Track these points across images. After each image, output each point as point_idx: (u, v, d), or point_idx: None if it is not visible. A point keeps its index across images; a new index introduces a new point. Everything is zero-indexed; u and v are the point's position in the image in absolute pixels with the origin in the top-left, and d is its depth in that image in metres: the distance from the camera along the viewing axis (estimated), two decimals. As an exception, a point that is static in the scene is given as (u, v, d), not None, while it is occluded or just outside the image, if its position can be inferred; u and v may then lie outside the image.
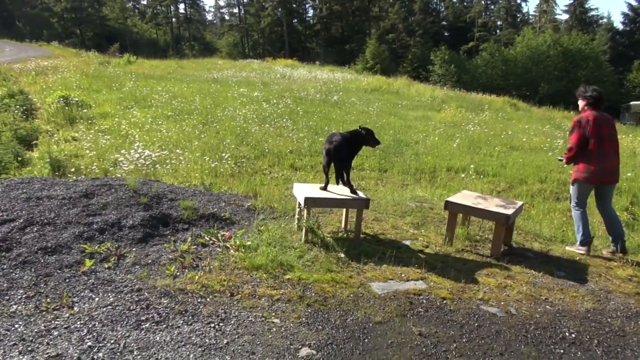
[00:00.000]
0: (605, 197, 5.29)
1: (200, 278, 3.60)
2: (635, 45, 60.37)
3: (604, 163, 5.05)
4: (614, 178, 5.20)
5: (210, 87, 17.34)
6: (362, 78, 27.98)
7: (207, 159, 7.90)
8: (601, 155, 5.03)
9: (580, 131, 5.05)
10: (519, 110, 23.05)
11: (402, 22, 66.62)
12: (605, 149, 5.04)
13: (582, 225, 5.23)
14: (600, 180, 5.13)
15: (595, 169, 5.05)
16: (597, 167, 5.04)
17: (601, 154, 5.03)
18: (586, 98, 5.21)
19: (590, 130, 5.00)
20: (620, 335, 3.46)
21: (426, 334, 3.18)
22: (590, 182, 5.14)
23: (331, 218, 5.51)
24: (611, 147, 5.11)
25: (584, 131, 5.03)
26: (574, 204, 5.32)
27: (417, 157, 9.81)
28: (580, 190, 5.22)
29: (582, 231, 5.24)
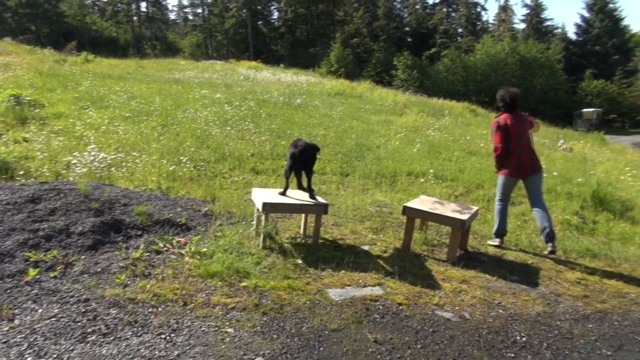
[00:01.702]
0: (533, 190, 5.70)
1: (152, 287, 3.49)
2: (588, 55, 63.07)
3: (522, 157, 5.55)
4: (534, 169, 5.66)
5: (171, 88, 16.98)
6: (326, 81, 28.06)
7: (165, 162, 7.72)
8: (519, 151, 5.53)
9: (500, 131, 5.51)
10: (477, 116, 23.64)
11: (366, 27, 67.37)
12: (522, 145, 5.56)
13: (500, 218, 5.71)
14: (522, 174, 5.61)
15: (515, 164, 5.55)
16: (516, 162, 5.54)
17: (519, 150, 5.53)
18: (503, 101, 5.68)
19: (509, 130, 5.49)
20: (568, 338, 3.57)
21: (381, 340, 3.19)
22: (512, 176, 5.62)
23: (290, 223, 5.47)
24: (527, 143, 5.66)
25: (504, 131, 5.50)
26: (498, 197, 5.80)
27: (378, 161, 9.89)
28: (503, 184, 5.70)
29: (499, 223, 5.70)
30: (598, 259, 5.77)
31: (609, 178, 10.75)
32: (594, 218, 7.75)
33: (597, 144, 19.82)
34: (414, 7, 74.14)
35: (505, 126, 5.51)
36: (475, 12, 72.03)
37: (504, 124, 5.51)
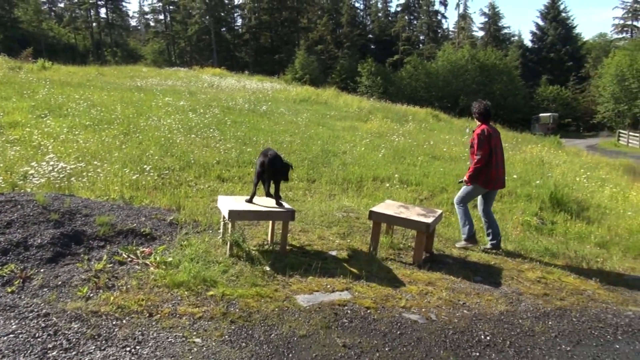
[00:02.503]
0: (491, 200, 6.03)
1: (116, 299, 3.40)
2: (543, 61, 65.52)
3: (498, 171, 5.74)
4: (503, 184, 5.97)
5: (133, 96, 16.64)
6: (291, 88, 28.11)
7: (128, 171, 7.55)
8: (496, 164, 5.70)
9: (487, 142, 5.57)
10: (440, 121, 24.17)
11: (330, 34, 67.95)
12: (498, 158, 5.76)
13: (469, 220, 5.87)
14: (493, 186, 5.78)
15: (493, 177, 5.68)
16: (494, 175, 5.68)
17: (496, 163, 5.70)
18: (479, 113, 5.78)
19: (490, 141, 5.61)
20: (530, 335, 3.69)
21: (350, 345, 3.21)
22: (486, 187, 5.75)
23: (257, 230, 5.44)
24: (502, 157, 5.89)
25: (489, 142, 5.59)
26: (459, 201, 5.93)
27: (344, 167, 9.96)
28: (474, 192, 5.84)
29: (469, 225, 5.86)
30: (557, 258, 5.99)
31: (566, 180, 11.17)
32: (552, 219, 8.04)
33: (554, 148, 20.57)
34: (376, 15, 75.35)
35: (490, 137, 5.58)
36: (436, 20, 73.79)
37: (488, 135, 5.58)
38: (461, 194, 5.92)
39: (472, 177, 5.68)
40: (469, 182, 5.73)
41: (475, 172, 5.64)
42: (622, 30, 71.74)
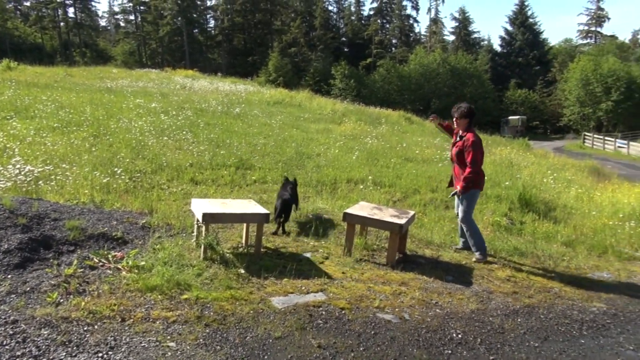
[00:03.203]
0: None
1: (87, 304, 3.34)
2: (512, 65, 67.15)
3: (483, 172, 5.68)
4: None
5: (103, 97, 16.33)
6: (265, 90, 28.04)
7: (99, 174, 7.41)
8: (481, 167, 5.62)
9: (481, 148, 5.44)
10: (413, 124, 24.48)
11: (303, 37, 68.05)
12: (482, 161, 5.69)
13: (480, 234, 5.68)
14: (483, 187, 5.74)
15: (483, 179, 5.66)
16: (483, 175, 5.64)
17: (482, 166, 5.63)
18: (471, 114, 5.50)
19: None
20: (500, 332, 3.79)
21: (325, 345, 3.24)
22: (482, 189, 5.70)
23: (231, 233, 5.42)
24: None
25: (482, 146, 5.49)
26: (467, 217, 5.54)
27: (318, 169, 10.00)
28: (475, 199, 5.64)
29: (483, 239, 5.69)
30: (525, 257, 6.15)
31: (534, 181, 11.48)
32: (521, 219, 8.25)
33: (522, 150, 21.09)
34: (349, 18, 75.87)
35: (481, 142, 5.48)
36: (408, 24, 74.79)
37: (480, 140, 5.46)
38: (465, 209, 5.54)
39: (470, 184, 5.40)
40: (464, 191, 5.42)
41: (474, 178, 5.40)
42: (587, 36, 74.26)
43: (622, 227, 8.35)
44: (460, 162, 5.51)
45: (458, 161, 5.57)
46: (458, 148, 5.52)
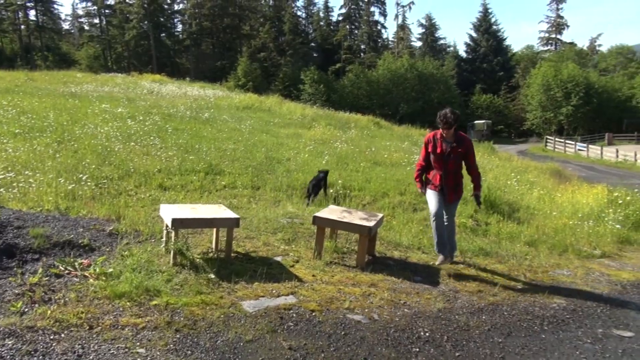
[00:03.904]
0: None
1: (53, 312, 3.29)
2: (476, 71, 68.89)
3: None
4: None
5: (67, 102, 15.94)
6: (234, 95, 27.91)
7: (63, 180, 7.25)
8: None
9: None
10: (381, 128, 24.80)
11: (272, 42, 68.03)
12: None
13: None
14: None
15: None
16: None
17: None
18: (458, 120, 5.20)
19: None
20: (465, 330, 3.91)
21: (296, 347, 3.28)
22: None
23: (201, 238, 5.40)
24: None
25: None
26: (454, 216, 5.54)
27: (288, 173, 10.03)
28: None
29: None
30: (490, 256, 6.34)
31: (498, 183, 11.83)
32: (486, 220, 8.49)
33: (488, 153, 21.65)
34: (318, 24, 76.31)
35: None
36: (376, 29, 75.68)
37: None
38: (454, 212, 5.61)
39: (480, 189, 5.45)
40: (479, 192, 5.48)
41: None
42: (547, 43, 76.81)
43: (581, 226, 8.69)
44: (459, 169, 5.30)
45: (456, 168, 5.27)
46: (458, 153, 5.18)
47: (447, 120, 5.02)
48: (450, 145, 5.15)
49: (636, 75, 58.10)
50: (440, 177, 5.26)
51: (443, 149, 5.18)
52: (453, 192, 5.30)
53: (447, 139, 5.17)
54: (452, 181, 5.27)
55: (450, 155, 5.16)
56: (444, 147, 5.18)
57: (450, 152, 5.15)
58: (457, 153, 5.16)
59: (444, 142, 5.19)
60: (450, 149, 5.15)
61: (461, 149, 5.16)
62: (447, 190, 5.26)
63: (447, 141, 5.18)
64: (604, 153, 35.14)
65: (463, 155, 5.20)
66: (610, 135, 46.17)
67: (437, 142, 5.23)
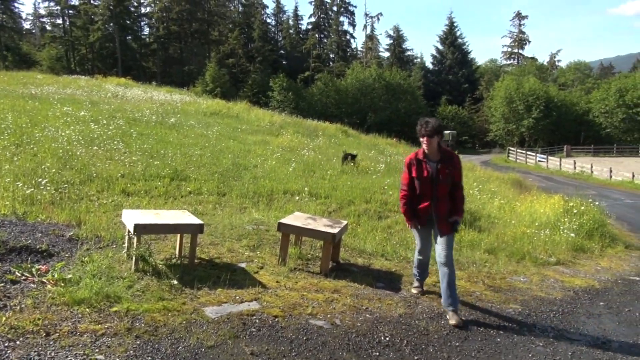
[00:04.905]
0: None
1: (9, 319, 3.20)
2: (442, 82, 70.55)
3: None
4: None
5: (26, 104, 15.46)
6: (202, 101, 27.66)
7: (21, 184, 7.04)
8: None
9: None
10: (349, 137, 25.06)
11: (242, 48, 67.84)
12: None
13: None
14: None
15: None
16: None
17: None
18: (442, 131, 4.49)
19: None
20: (425, 334, 4.01)
21: (258, 352, 3.30)
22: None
23: (165, 245, 5.34)
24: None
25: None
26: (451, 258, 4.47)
27: (255, 180, 10.03)
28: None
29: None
30: (451, 263, 6.49)
31: (461, 192, 12.09)
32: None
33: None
34: (288, 32, 76.61)
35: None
36: (345, 39, 76.59)
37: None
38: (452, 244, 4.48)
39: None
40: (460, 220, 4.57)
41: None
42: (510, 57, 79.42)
43: (538, 235, 9.03)
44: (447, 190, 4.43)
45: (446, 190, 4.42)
46: (446, 174, 4.37)
47: (428, 127, 4.30)
48: (437, 166, 4.36)
49: (593, 90, 60.73)
50: (429, 206, 4.44)
51: (429, 172, 4.37)
52: (445, 221, 4.43)
53: (430, 156, 4.40)
54: (445, 207, 4.43)
55: (439, 177, 4.36)
56: (430, 169, 4.37)
57: (439, 174, 4.35)
58: (446, 174, 4.36)
59: (428, 164, 4.39)
60: (437, 170, 4.36)
61: (449, 168, 4.38)
62: (439, 220, 4.43)
63: (431, 161, 4.40)
64: (562, 164, 36.50)
65: (451, 175, 4.40)
66: (569, 148, 48.04)
67: (421, 164, 4.41)
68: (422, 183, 4.40)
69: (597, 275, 7.00)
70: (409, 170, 4.48)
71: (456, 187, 4.47)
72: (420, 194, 4.46)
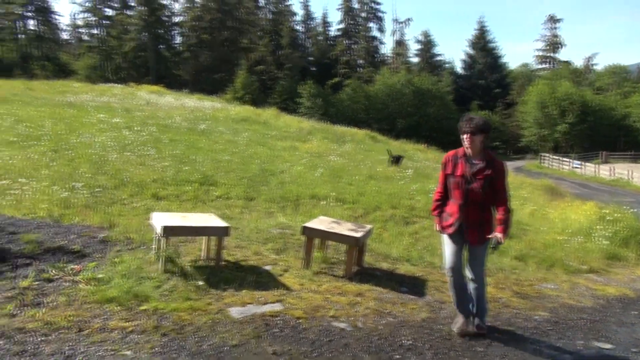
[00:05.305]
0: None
1: (44, 315, 3.36)
2: (473, 87, 69.58)
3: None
4: None
5: (64, 112, 16.07)
6: (231, 107, 28.10)
7: (58, 188, 7.33)
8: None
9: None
10: (377, 142, 25.00)
11: (271, 55, 68.62)
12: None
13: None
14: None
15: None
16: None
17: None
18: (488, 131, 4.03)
19: None
20: (448, 339, 3.98)
21: (280, 352, 3.35)
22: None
23: (192, 247, 5.47)
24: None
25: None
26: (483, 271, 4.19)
27: (282, 185, 10.13)
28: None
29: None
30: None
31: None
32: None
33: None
34: (316, 38, 77.04)
35: None
36: (374, 45, 76.46)
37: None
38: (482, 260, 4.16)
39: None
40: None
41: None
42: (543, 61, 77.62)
43: (570, 242, 8.81)
44: (486, 199, 3.94)
45: (482, 198, 3.92)
46: (485, 177, 3.87)
47: (472, 123, 3.88)
48: (476, 167, 3.91)
49: (631, 94, 58.76)
50: (459, 209, 3.97)
51: (465, 171, 3.92)
52: (477, 230, 3.96)
53: (471, 156, 3.95)
54: (476, 215, 3.96)
55: (474, 178, 3.89)
56: (467, 168, 3.92)
57: (475, 175, 3.89)
58: (484, 177, 3.86)
59: (467, 163, 3.95)
60: (475, 170, 3.90)
61: (489, 171, 3.88)
62: (468, 228, 3.96)
63: (471, 162, 3.95)
64: (599, 171, 35.41)
65: (491, 181, 3.88)
66: (606, 153, 46.55)
67: (458, 162, 3.98)
68: (455, 182, 3.96)
69: (632, 284, 6.79)
70: (444, 169, 4.09)
71: (499, 198, 3.92)
72: (452, 195, 4.04)
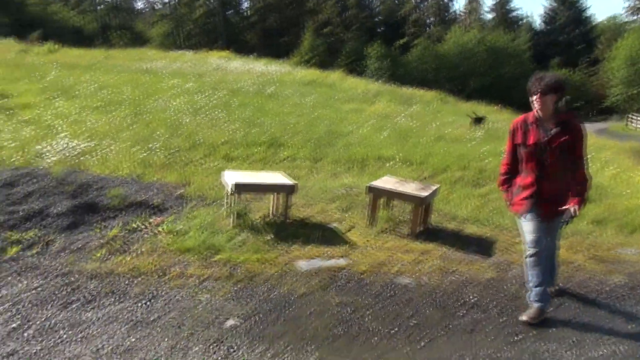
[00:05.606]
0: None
1: (130, 261, 3.70)
2: (553, 44, 64.77)
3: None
4: None
5: (140, 78, 16.87)
6: (298, 71, 28.17)
7: (138, 149, 7.82)
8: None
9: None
10: (447, 104, 24.20)
11: (337, 17, 67.43)
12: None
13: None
14: None
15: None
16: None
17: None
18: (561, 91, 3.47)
19: None
20: (514, 299, 3.93)
21: (344, 303, 3.48)
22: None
23: (261, 204, 5.68)
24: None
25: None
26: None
27: (348, 147, 10.15)
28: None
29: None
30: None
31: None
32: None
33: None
34: (384, -3, 74.57)
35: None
36: (445, 2, 72.89)
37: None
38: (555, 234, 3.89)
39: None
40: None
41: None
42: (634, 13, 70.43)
43: (656, 207, 8.21)
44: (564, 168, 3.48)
45: (560, 168, 3.48)
46: (562, 144, 3.40)
47: (542, 82, 3.38)
48: (550, 133, 3.44)
49: None
50: (534, 181, 3.52)
51: (539, 139, 3.45)
52: (553, 203, 3.48)
53: (543, 121, 3.48)
54: (552, 187, 3.49)
55: (549, 146, 3.42)
56: (540, 135, 3.46)
57: (550, 143, 3.42)
58: (561, 143, 3.39)
59: (539, 128, 3.48)
60: (549, 137, 3.43)
61: (567, 136, 3.40)
62: (543, 202, 3.51)
63: (544, 127, 3.47)
64: (695, 132, 32.26)
65: (569, 146, 3.41)
66: None
67: (528, 129, 3.52)
68: (528, 152, 3.49)
69: None
70: (512, 137, 3.62)
71: (577, 165, 3.47)
72: (525, 167, 3.56)
